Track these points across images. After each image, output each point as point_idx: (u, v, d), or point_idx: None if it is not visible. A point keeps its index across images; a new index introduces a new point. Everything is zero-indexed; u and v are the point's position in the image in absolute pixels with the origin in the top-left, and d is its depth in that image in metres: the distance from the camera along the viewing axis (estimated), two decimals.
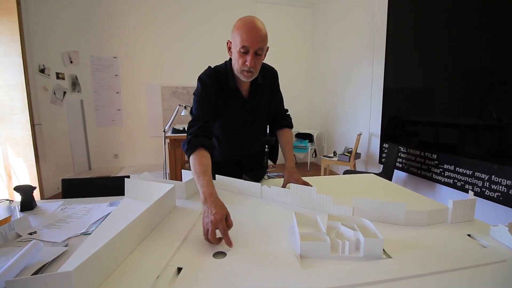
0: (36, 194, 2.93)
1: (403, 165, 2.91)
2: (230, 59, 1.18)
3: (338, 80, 4.36)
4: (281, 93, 1.40)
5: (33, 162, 2.88)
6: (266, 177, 1.48)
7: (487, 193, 2.05)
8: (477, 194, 2.11)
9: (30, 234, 0.85)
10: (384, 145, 3.23)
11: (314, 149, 4.92)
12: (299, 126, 5.04)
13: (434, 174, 2.53)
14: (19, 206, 1.05)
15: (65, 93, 3.76)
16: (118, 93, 4.33)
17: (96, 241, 0.74)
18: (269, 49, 1.13)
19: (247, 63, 1.06)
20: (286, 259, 0.70)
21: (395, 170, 2.91)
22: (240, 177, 1.27)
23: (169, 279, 0.62)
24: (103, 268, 0.60)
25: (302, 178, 1.21)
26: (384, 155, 3.21)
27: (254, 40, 1.03)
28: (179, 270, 0.66)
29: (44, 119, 3.39)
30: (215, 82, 1.17)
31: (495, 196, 2.00)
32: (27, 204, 1.05)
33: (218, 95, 1.18)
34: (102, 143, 4.37)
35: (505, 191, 1.94)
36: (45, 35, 3.42)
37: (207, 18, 4.47)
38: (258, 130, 1.35)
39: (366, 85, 3.66)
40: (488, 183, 2.05)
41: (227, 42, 1.13)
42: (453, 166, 2.34)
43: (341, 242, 0.72)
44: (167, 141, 3.16)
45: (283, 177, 1.25)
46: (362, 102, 3.78)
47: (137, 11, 4.22)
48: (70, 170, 3.88)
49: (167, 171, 3.09)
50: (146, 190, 1.05)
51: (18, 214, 1.01)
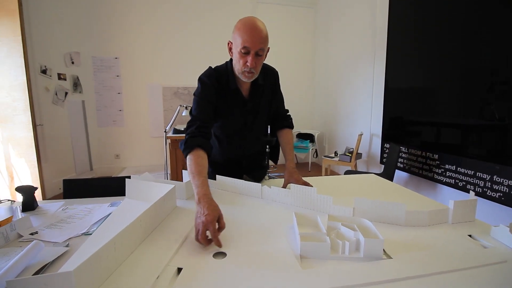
0: (37, 194, 2.94)
1: (405, 165, 2.90)
2: (231, 60, 1.18)
3: (339, 80, 4.35)
4: (281, 93, 1.40)
5: (35, 162, 2.90)
6: (266, 177, 1.48)
7: (489, 193, 2.05)
8: (478, 195, 2.10)
9: (32, 234, 0.85)
10: (385, 145, 3.22)
11: (315, 149, 4.92)
12: (300, 126, 5.04)
13: (435, 174, 2.52)
14: (21, 207, 1.06)
15: (66, 93, 3.77)
16: (119, 93, 4.34)
17: (97, 241, 0.74)
18: (270, 49, 1.14)
19: (248, 64, 1.06)
20: (286, 260, 0.70)
21: (397, 170, 2.91)
22: (240, 177, 1.27)
23: (169, 279, 0.62)
24: (104, 268, 0.60)
25: (303, 178, 1.21)
26: (385, 155, 3.20)
27: (255, 41, 1.03)
28: (179, 270, 0.66)
29: (45, 120, 3.40)
30: (216, 83, 1.18)
31: (497, 196, 1.99)
32: (29, 204, 1.06)
33: (218, 96, 1.18)
34: (103, 144, 4.38)
35: (507, 191, 1.93)
36: (46, 36, 3.43)
37: (208, 18, 4.48)
38: (258, 130, 1.35)
39: (367, 85, 3.66)
40: (489, 183, 2.04)
41: (228, 43, 1.13)
42: (454, 166, 2.33)
43: (341, 242, 0.72)
44: (168, 141, 3.16)
45: (284, 177, 1.26)
46: (363, 102, 3.77)
47: (138, 12, 4.23)
48: (71, 170, 3.89)
49: (168, 172, 3.10)
50: (147, 191, 1.06)
51: (20, 215, 1.02)
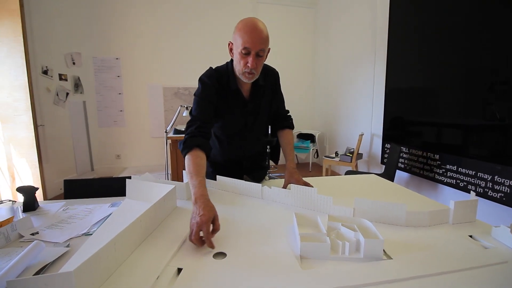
0: (39, 194, 2.95)
1: (405, 165, 2.90)
2: (232, 60, 1.18)
3: (340, 80, 4.35)
4: (282, 94, 1.40)
5: (36, 162, 2.91)
6: (266, 177, 1.48)
7: (490, 193, 2.04)
8: (479, 195, 2.09)
9: (32, 234, 0.86)
10: (386, 145, 3.22)
11: (316, 149, 4.91)
12: (301, 127, 5.03)
13: (436, 175, 2.52)
14: (22, 207, 1.06)
15: (67, 94, 3.78)
16: (120, 94, 4.35)
17: (97, 241, 0.75)
18: (270, 49, 1.13)
19: (249, 65, 1.06)
20: (286, 260, 0.70)
21: (397, 171, 2.90)
22: (240, 177, 1.27)
23: (169, 280, 0.62)
24: (104, 268, 0.61)
25: (303, 178, 1.21)
26: (386, 156, 3.20)
27: (256, 41, 1.03)
28: (179, 270, 0.66)
29: (47, 120, 3.41)
30: (216, 83, 1.18)
31: (498, 196, 1.99)
32: (30, 204, 1.06)
33: (219, 96, 1.18)
34: (104, 144, 4.39)
35: (508, 192, 1.92)
36: (48, 37, 3.44)
37: (208, 18, 4.48)
38: (259, 131, 1.35)
39: (368, 85, 3.65)
40: (491, 184, 2.04)
41: (229, 43, 1.13)
42: (455, 167, 2.33)
43: (341, 243, 0.72)
44: (169, 141, 3.17)
45: (284, 177, 1.25)
46: (364, 102, 3.77)
47: (138, 13, 4.24)
48: (72, 170, 3.90)
49: (169, 172, 3.10)
50: (147, 191, 1.06)
51: (21, 215, 1.02)
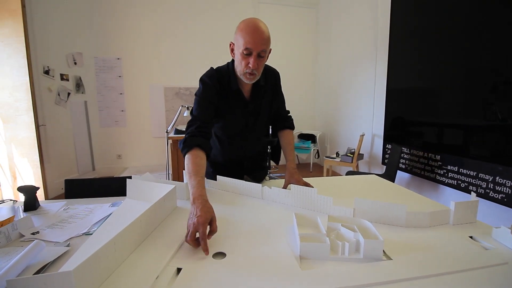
0: (40, 194, 2.97)
1: (406, 166, 2.89)
2: (233, 60, 1.18)
3: (341, 80, 4.35)
4: (282, 94, 1.40)
5: (37, 162, 2.91)
6: (267, 177, 1.48)
7: (491, 194, 2.03)
8: (481, 196, 2.09)
9: (33, 234, 0.86)
10: (387, 146, 3.21)
11: (317, 150, 4.91)
12: (302, 127, 5.03)
13: (437, 175, 2.51)
14: (23, 206, 1.07)
15: (69, 94, 3.79)
16: (121, 94, 4.36)
17: (97, 241, 0.75)
18: (271, 49, 1.13)
19: (250, 65, 1.06)
20: (285, 260, 0.70)
21: (398, 171, 2.90)
22: (241, 177, 1.27)
23: (168, 280, 0.62)
24: (103, 268, 0.61)
25: (304, 179, 1.21)
26: (387, 156, 3.19)
27: (257, 42, 1.03)
28: (179, 270, 0.66)
29: (48, 120, 3.42)
30: (217, 83, 1.18)
31: (499, 197, 1.98)
32: (31, 204, 1.06)
33: (220, 96, 1.18)
34: (105, 144, 4.40)
35: (509, 193, 1.92)
36: (49, 37, 3.45)
37: (209, 19, 4.49)
38: (259, 131, 1.35)
39: (369, 85, 3.65)
40: (492, 185, 2.03)
41: (230, 44, 1.13)
42: (456, 167, 2.32)
43: (341, 243, 0.72)
44: (170, 142, 3.17)
45: (284, 178, 1.25)
46: (365, 103, 3.76)
47: (140, 13, 4.25)
48: (74, 170, 3.91)
49: (170, 172, 3.11)
50: (148, 191, 1.06)
51: (22, 214, 1.02)
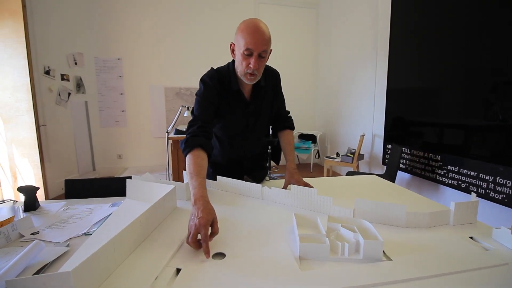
0: (41, 194, 2.97)
1: (407, 166, 2.89)
2: (233, 61, 1.18)
3: (341, 80, 4.34)
4: (283, 95, 1.39)
5: (38, 162, 2.92)
6: (267, 178, 1.48)
7: (492, 194, 2.03)
8: (481, 196, 2.08)
9: (33, 234, 0.86)
10: (387, 146, 3.21)
11: (317, 150, 4.91)
12: (302, 127, 5.03)
13: (438, 176, 2.51)
14: (23, 207, 1.07)
15: (69, 94, 3.80)
16: (122, 94, 4.36)
17: (97, 241, 0.75)
18: (272, 50, 1.13)
19: (251, 66, 1.05)
20: (285, 261, 0.70)
21: (399, 172, 2.89)
22: (241, 178, 1.27)
23: (167, 280, 0.62)
24: (102, 268, 0.61)
25: (304, 179, 1.20)
26: (387, 156, 3.19)
27: (258, 42, 1.02)
28: (178, 271, 0.66)
29: (49, 120, 3.42)
30: (218, 84, 1.17)
31: (500, 198, 1.98)
32: (30, 204, 1.06)
33: (220, 97, 1.18)
34: (106, 144, 4.40)
35: (510, 193, 1.91)
36: (50, 37, 3.46)
37: (210, 19, 4.49)
38: (260, 132, 1.35)
39: (369, 85, 3.65)
40: (492, 185, 2.03)
41: (231, 44, 1.12)
42: (457, 168, 2.32)
43: (340, 244, 0.72)
44: (170, 142, 3.17)
45: (284, 178, 1.25)
46: (365, 103, 3.76)
47: (140, 13, 4.25)
48: (74, 170, 3.92)
49: (170, 172, 3.11)
50: (147, 191, 1.06)
51: (22, 215, 1.02)
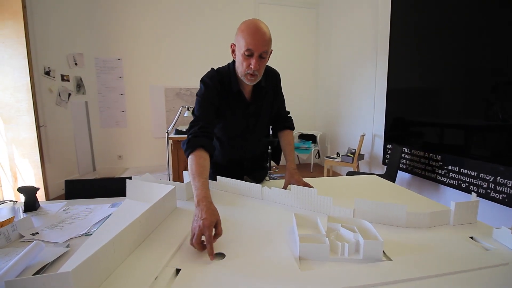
0: (41, 195, 2.97)
1: (407, 166, 2.88)
2: (233, 61, 1.17)
3: (342, 80, 4.34)
4: (283, 95, 1.39)
5: (38, 163, 2.92)
6: (267, 178, 1.48)
7: (492, 194, 2.03)
8: (481, 196, 2.08)
9: (33, 234, 0.86)
10: (387, 146, 3.21)
11: (318, 150, 4.90)
12: (302, 127, 5.02)
13: (438, 176, 2.51)
14: (23, 207, 1.07)
15: (70, 94, 3.80)
16: (122, 94, 4.37)
17: (96, 242, 0.75)
18: (272, 50, 1.12)
19: (252, 66, 1.05)
20: (285, 261, 0.70)
21: (399, 172, 2.89)
22: (241, 178, 1.27)
23: (167, 280, 0.62)
24: (102, 269, 0.61)
25: (304, 179, 1.20)
26: (387, 156, 3.19)
27: (259, 43, 1.02)
28: (178, 271, 0.66)
29: (49, 121, 3.43)
30: (218, 85, 1.17)
31: (500, 198, 1.97)
32: (31, 205, 1.07)
33: (221, 97, 1.18)
34: (106, 144, 4.40)
35: (510, 193, 1.91)
36: (50, 38, 3.46)
37: (210, 19, 4.49)
38: (260, 132, 1.35)
39: (369, 85, 3.64)
40: (493, 185, 2.02)
41: (231, 45, 1.12)
42: (457, 167, 2.31)
43: (340, 244, 0.72)
44: (170, 142, 3.17)
45: (284, 178, 1.25)
46: (365, 103, 3.76)
47: (140, 14, 4.26)
48: (74, 171, 3.92)
49: (170, 172, 3.11)
50: (147, 191, 1.06)
51: (22, 215, 1.02)
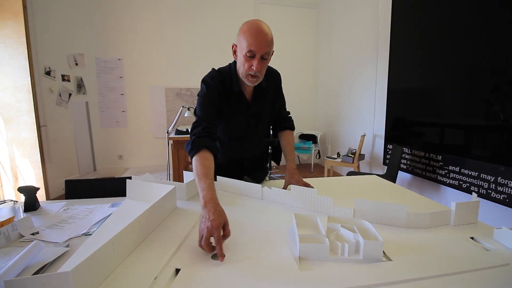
0: (41, 194, 2.98)
1: (408, 166, 2.88)
2: (235, 62, 1.17)
3: (342, 80, 4.34)
4: (283, 95, 1.39)
5: (38, 163, 2.92)
6: (267, 178, 1.48)
7: (493, 195, 2.02)
8: (482, 196, 2.08)
9: (33, 234, 0.86)
10: (388, 146, 3.20)
11: (318, 150, 4.90)
12: (303, 127, 5.02)
13: (439, 176, 2.50)
14: (23, 207, 1.07)
15: (70, 95, 3.81)
16: (122, 94, 4.37)
17: (96, 241, 0.74)
18: (274, 51, 1.12)
19: (253, 68, 1.04)
20: (284, 261, 0.70)
21: (400, 172, 2.89)
22: (241, 178, 1.27)
23: (166, 280, 0.62)
24: (102, 269, 0.61)
25: (305, 179, 1.20)
26: (388, 157, 3.18)
27: (261, 44, 1.02)
28: (177, 271, 0.66)
29: (49, 121, 3.43)
30: (220, 85, 1.16)
31: (501, 198, 1.97)
32: (31, 204, 1.07)
33: (222, 98, 1.17)
34: (106, 144, 4.41)
35: (511, 193, 1.90)
36: (50, 38, 3.47)
37: (210, 19, 4.50)
38: (260, 132, 1.34)
39: (370, 85, 3.64)
40: (494, 185, 2.02)
41: (232, 46, 1.11)
42: (458, 168, 2.31)
43: (340, 244, 0.71)
44: (171, 142, 3.17)
45: (285, 178, 1.25)
46: (366, 103, 3.75)
47: (141, 14, 4.26)
48: (75, 171, 3.92)
49: (170, 172, 3.11)
50: (147, 191, 1.06)
51: (22, 215, 1.02)
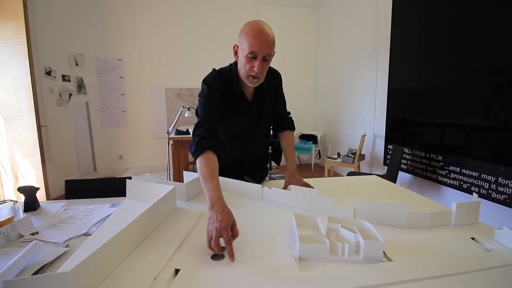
0: (42, 194, 2.97)
1: (408, 166, 2.87)
2: (235, 62, 1.16)
3: (343, 81, 4.34)
4: (284, 95, 1.39)
5: (39, 163, 2.92)
6: (267, 178, 1.48)
7: (494, 195, 2.02)
8: (483, 197, 2.07)
9: (32, 234, 0.86)
10: (388, 146, 3.20)
11: (318, 150, 4.90)
12: (303, 127, 5.02)
13: (439, 176, 2.50)
14: (23, 207, 1.07)
15: (70, 95, 3.81)
16: (123, 95, 4.37)
17: (96, 242, 0.74)
18: (275, 52, 1.10)
19: (255, 69, 1.04)
20: (284, 262, 0.69)
21: (400, 172, 2.88)
22: (241, 178, 1.27)
23: (166, 280, 0.62)
24: (101, 269, 0.61)
25: (305, 179, 1.20)
26: (388, 157, 3.18)
27: (263, 46, 1.01)
28: (177, 271, 0.65)
29: (50, 121, 3.43)
30: (221, 85, 1.15)
31: (502, 198, 1.96)
32: (30, 204, 1.07)
33: (223, 98, 1.16)
34: (107, 145, 4.41)
35: None
36: (51, 38, 3.47)
37: (210, 20, 4.50)
38: (261, 133, 1.34)
39: (370, 85, 3.64)
40: (495, 185, 2.01)
41: (234, 46, 1.11)
42: (459, 168, 2.30)
43: (340, 244, 0.71)
44: (171, 142, 3.17)
45: (285, 178, 1.24)
46: (366, 103, 3.75)
47: (141, 14, 4.26)
48: (75, 171, 3.92)
49: (171, 172, 3.11)
50: (147, 191, 1.06)
51: (22, 215, 1.02)
